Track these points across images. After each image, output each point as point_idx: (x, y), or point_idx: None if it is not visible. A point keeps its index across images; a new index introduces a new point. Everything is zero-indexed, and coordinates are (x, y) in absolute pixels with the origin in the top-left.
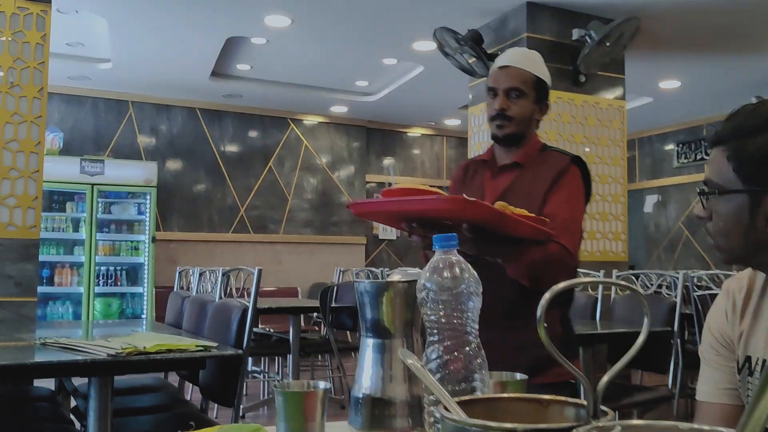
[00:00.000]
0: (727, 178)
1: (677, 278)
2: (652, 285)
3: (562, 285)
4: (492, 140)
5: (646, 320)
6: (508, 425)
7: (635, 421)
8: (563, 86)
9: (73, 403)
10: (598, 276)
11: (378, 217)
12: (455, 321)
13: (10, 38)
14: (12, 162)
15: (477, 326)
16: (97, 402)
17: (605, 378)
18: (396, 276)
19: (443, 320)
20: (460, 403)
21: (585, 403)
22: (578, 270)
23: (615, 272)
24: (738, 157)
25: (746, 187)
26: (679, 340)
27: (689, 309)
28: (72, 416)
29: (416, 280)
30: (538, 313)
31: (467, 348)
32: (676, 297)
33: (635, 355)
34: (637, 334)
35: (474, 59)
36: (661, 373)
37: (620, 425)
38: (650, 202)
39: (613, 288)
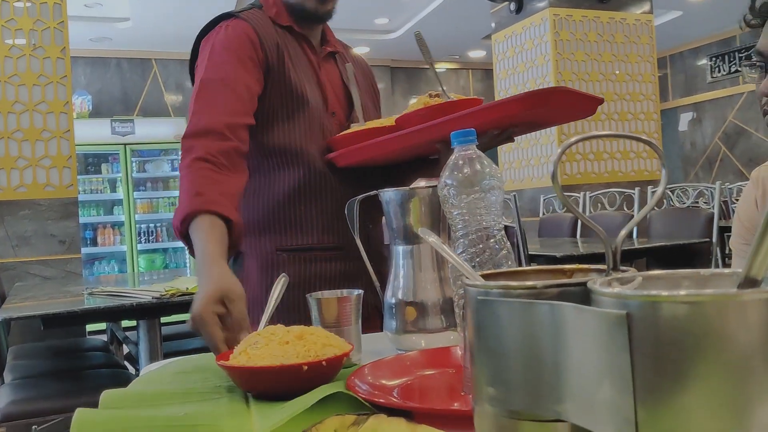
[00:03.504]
0: None
1: (713, 189)
2: (688, 199)
3: (574, 139)
4: (291, 12)
5: (664, 171)
6: (529, 283)
7: (656, 272)
8: (588, 4)
9: (125, 351)
10: (633, 192)
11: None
12: (478, 216)
13: (28, 2)
14: (43, 123)
15: (500, 219)
16: (147, 344)
17: (623, 232)
18: (421, 182)
19: (467, 216)
20: (483, 276)
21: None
22: (610, 190)
23: (650, 188)
24: None
25: None
26: (718, 249)
27: (729, 223)
28: (126, 363)
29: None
30: (553, 169)
31: (492, 240)
32: (713, 209)
33: (654, 200)
34: (675, 247)
35: None
36: None
37: (641, 275)
38: (685, 120)
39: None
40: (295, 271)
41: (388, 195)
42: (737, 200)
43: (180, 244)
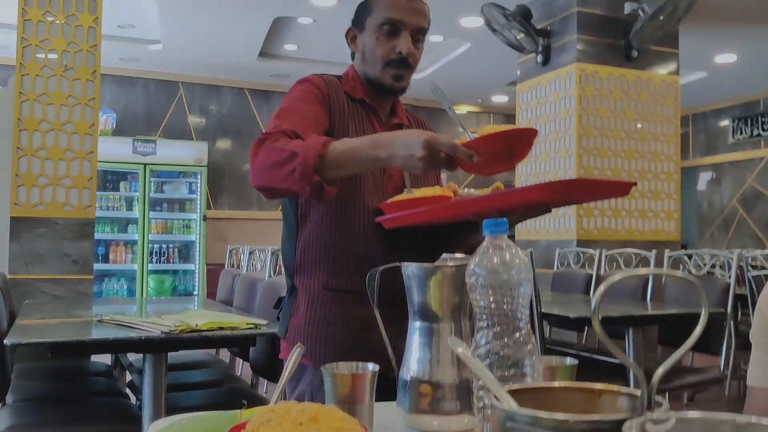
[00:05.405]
0: None
1: (731, 258)
2: (705, 265)
3: (618, 277)
4: (368, 84)
5: (704, 311)
6: (560, 416)
7: (691, 413)
8: (615, 62)
9: (128, 377)
10: (650, 254)
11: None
12: (505, 307)
13: (63, 21)
14: (67, 143)
15: (527, 312)
16: (151, 377)
17: (660, 370)
18: (447, 261)
19: (493, 306)
20: (510, 392)
21: (638, 393)
22: (627, 250)
23: (667, 252)
24: None
25: None
26: (732, 322)
27: (743, 290)
28: (128, 390)
29: (464, 265)
30: (594, 304)
31: (517, 334)
32: (729, 277)
33: (689, 342)
34: (689, 315)
35: (522, 35)
36: (713, 354)
37: (675, 416)
38: (704, 179)
39: (665, 266)
40: (336, 309)
41: (411, 270)
42: (753, 267)
43: (190, 266)
